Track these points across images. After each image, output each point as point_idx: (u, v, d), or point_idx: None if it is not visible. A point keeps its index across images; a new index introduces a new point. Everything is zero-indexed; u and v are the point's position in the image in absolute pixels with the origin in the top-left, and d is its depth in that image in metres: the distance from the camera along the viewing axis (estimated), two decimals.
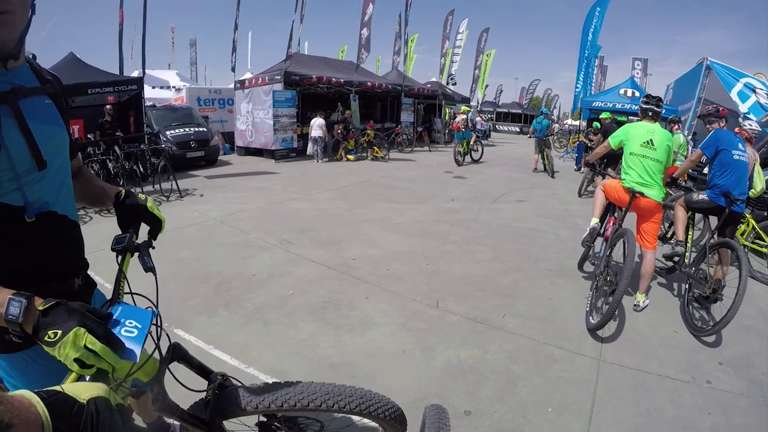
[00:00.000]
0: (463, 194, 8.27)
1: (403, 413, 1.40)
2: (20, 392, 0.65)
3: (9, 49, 1.00)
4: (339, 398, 1.22)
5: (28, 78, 1.09)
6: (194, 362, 1.27)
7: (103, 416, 0.74)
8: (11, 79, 1.03)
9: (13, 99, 1.00)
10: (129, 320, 1.00)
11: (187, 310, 3.38)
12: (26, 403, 0.62)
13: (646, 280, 3.50)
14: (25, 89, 1.05)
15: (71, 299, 1.18)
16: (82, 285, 1.23)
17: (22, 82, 1.06)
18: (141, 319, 1.01)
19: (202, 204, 6.98)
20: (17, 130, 0.99)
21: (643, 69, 21.81)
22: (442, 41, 21.19)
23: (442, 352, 2.90)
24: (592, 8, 13.40)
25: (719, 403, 2.47)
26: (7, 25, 0.94)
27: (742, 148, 3.68)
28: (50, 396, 0.69)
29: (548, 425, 2.25)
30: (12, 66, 1.04)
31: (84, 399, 0.74)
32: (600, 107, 12.36)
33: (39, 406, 0.64)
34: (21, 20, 0.98)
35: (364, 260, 4.53)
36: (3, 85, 1.00)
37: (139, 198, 1.30)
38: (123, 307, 1.04)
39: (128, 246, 1.19)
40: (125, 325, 0.98)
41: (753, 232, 4.86)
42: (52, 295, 1.12)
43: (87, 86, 8.39)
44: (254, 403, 1.19)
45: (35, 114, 1.04)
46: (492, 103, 36.12)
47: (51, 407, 0.65)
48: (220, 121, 14.50)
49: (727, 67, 7.95)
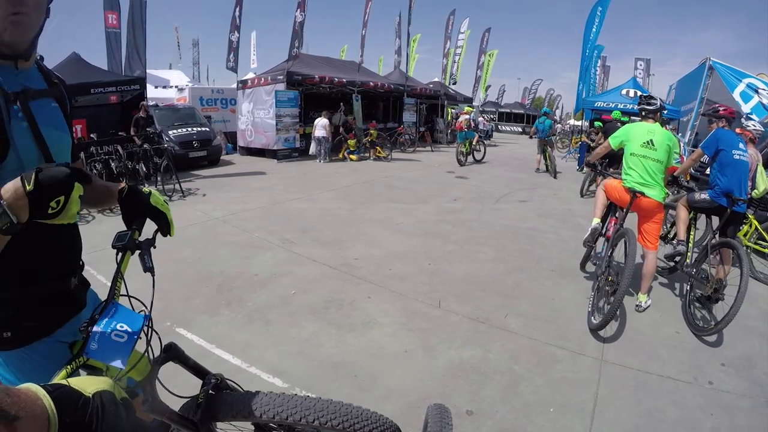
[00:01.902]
0: (466, 194, 8.27)
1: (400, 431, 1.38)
2: (26, 385, 0.65)
3: (21, 50, 1.01)
4: (333, 416, 1.19)
5: (36, 80, 1.10)
6: (190, 363, 1.26)
7: (108, 410, 0.74)
8: (22, 80, 1.04)
9: (24, 100, 1.01)
10: (120, 323, 0.99)
11: (189, 309, 3.39)
12: (32, 395, 0.63)
13: (647, 281, 3.50)
14: (34, 91, 1.06)
15: (68, 298, 1.19)
16: (77, 284, 1.23)
17: (31, 83, 1.07)
18: (132, 324, 1.00)
19: (204, 203, 7.00)
20: (28, 132, 1.00)
21: (646, 69, 21.71)
22: (443, 41, 21.20)
23: (444, 352, 2.91)
24: (594, 8, 13.38)
25: (721, 403, 2.47)
26: (22, 25, 0.96)
27: (743, 148, 3.67)
28: (56, 389, 0.69)
29: (550, 425, 2.26)
30: (22, 67, 1.05)
31: (90, 393, 0.75)
32: (602, 107, 12.34)
33: (45, 399, 0.64)
34: (35, 22, 0.99)
35: (366, 260, 4.54)
36: (15, 85, 1.01)
37: (143, 191, 1.24)
38: (117, 308, 1.03)
39: (128, 244, 1.16)
40: (116, 329, 0.97)
41: (756, 232, 4.84)
42: (49, 294, 1.13)
43: (90, 86, 8.44)
44: (245, 412, 1.17)
45: (43, 117, 1.05)
46: (494, 104, 36.06)
47: (57, 400, 0.65)
48: (222, 120, 14.51)
49: (730, 68, 7.92)
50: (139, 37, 11.10)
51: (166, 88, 16.30)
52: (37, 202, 0.82)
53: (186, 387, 1.24)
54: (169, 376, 1.18)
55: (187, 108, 12.55)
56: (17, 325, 1.06)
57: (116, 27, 10.87)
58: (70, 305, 1.20)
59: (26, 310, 1.08)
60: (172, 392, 1.18)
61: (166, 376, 1.15)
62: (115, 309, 1.02)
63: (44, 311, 1.11)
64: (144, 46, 11.18)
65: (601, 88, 22.72)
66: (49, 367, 1.11)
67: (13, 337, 1.06)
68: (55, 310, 1.15)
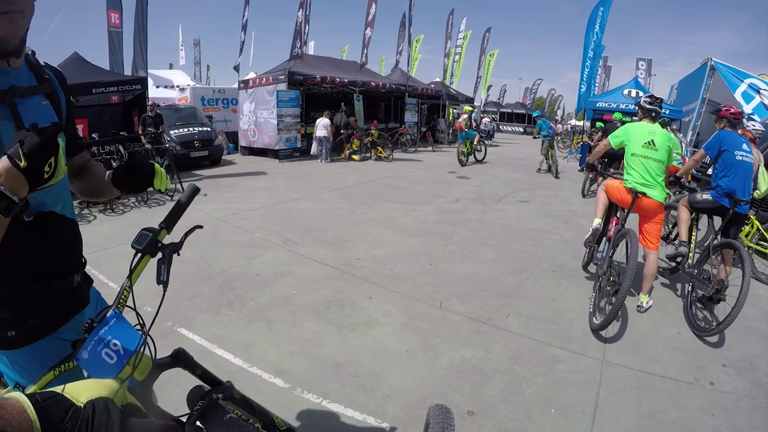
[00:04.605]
0: (467, 194, 8.27)
1: None
2: (14, 395, 0.64)
3: (13, 47, 1.01)
4: None
5: (25, 77, 1.09)
6: (198, 371, 1.21)
7: (99, 419, 0.73)
8: (11, 78, 1.04)
9: (11, 99, 1.01)
10: (115, 340, 0.97)
11: (191, 309, 3.40)
12: (19, 407, 0.62)
13: (649, 281, 3.49)
14: (22, 89, 1.05)
15: (71, 295, 1.20)
16: (80, 282, 1.24)
17: (19, 81, 1.06)
18: (128, 342, 0.98)
19: (206, 203, 7.00)
20: (14, 132, 0.99)
21: (647, 69, 21.71)
22: (444, 41, 21.22)
23: (446, 352, 2.91)
24: (595, 8, 13.37)
25: (722, 404, 2.47)
26: (14, 22, 0.96)
27: (747, 148, 3.64)
28: (45, 399, 0.68)
29: (551, 425, 2.26)
30: (14, 65, 1.05)
31: (82, 402, 0.74)
32: (604, 108, 12.33)
33: (29, 410, 0.63)
34: (26, 19, 0.99)
35: (368, 260, 4.55)
36: (2, 84, 1.01)
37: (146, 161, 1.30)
38: (117, 321, 1.01)
39: (147, 248, 1.11)
40: (109, 345, 0.96)
41: (757, 233, 4.84)
42: (52, 291, 1.13)
43: (91, 86, 8.43)
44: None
45: (31, 115, 1.04)
46: (496, 104, 36.06)
47: (42, 411, 0.64)
48: (224, 120, 14.54)
49: (732, 68, 7.92)
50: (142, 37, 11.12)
51: (167, 88, 16.32)
52: (33, 173, 0.82)
53: None
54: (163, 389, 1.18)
55: (188, 108, 12.57)
56: (22, 323, 1.07)
57: (118, 26, 10.89)
58: (73, 303, 1.21)
59: (30, 309, 1.08)
60: (166, 412, 1.15)
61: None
62: (115, 320, 1.00)
63: (48, 309, 1.12)
64: (146, 46, 11.20)
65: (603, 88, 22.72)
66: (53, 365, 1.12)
67: (17, 335, 1.07)
68: (59, 308, 1.15)
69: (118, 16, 10.86)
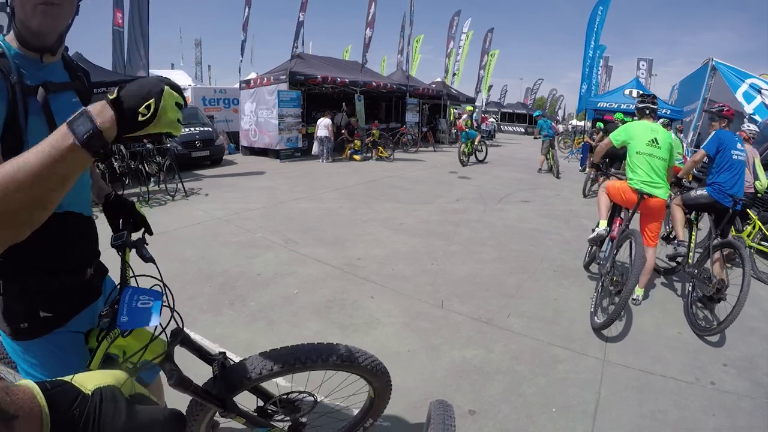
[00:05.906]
0: (468, 194, 8.27)
1: (385, 367, 1.64)
2: (25, 383, 0.66)
3: (50, 43, 1.01)
4: (326, 354, 1.49)
5: (59, 73, 1.11)
6: (195, 346, 1.35)
7: (106, 407, 0.74)
8: (45, 74, 1.04)
9: (44, 94, 1.01)
10: (141, 295, 1.08)
11: (192, 309, 3.40)
12: (29, 394, 0.64)
13: (645, 276, 3.51)
14: (54, 84, 1.05)
15: (84, 287, 1.21)
16: (94, 273, 1.26)
17: (53, 77, 1.07)
18: (152, 293, 1.10)
19: (207, 203, 7.01)
20: (45, 126, 0.99)
21: (648, 69, 21.66)
22: (447, 42, 21.22)
23: (447, 351, 2.92)
24: (595, 8, 13.37)
25: (723, 404, 2.47)
26: (52, 16, 0.95)
27: (741, 147, 3.79)
28: (54, 387, 0.70)
29: (552, 425, 2.26)
30: (48, 61, 1.05)
31: (90, 390, 0.75)
32: (605, 108, 12.32)
33: (39, 397, 0.65)
34: (65, 14, 0.99)
35: (369, 260, 4.55)
36: (36, 78, 1.01)
37: (127, 200, 1.39)
38: (132, 289, 1.10)
39: (126, 241, 1.26)
40: (140, 299, 1.06)
41: (760, 233, 4.84)
42: (64, 284, 1.14)
43: (93, 85, 8.44)
44: (257, 371, 1.32)
45: (62, 110, 1.04)
46: (497, 104, 36.05)
47: (50, 398, 0.66)
48: (225, 120, 14.54)
49: (733, 68, 7.92)
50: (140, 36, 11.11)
51: None
52: (123, 109, 0.74)
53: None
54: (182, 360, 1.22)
55: (189, 108, 12.56)
56: (34, 315, 1.08)
57: (120, 26, 10.90)
58: (85, 295, 1.23)
59: (42, 302, 1.10)
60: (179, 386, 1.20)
61: None
62: (131, 290, 1.10)
63: (60, 302, 1.13)
64: (147, 46, 11.19)
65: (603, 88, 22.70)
66: (65, 357, 1.13)
67: (29, 327, 1.08)
68: (71, 300, 1.17)
69: (121, 16, 10.87)
